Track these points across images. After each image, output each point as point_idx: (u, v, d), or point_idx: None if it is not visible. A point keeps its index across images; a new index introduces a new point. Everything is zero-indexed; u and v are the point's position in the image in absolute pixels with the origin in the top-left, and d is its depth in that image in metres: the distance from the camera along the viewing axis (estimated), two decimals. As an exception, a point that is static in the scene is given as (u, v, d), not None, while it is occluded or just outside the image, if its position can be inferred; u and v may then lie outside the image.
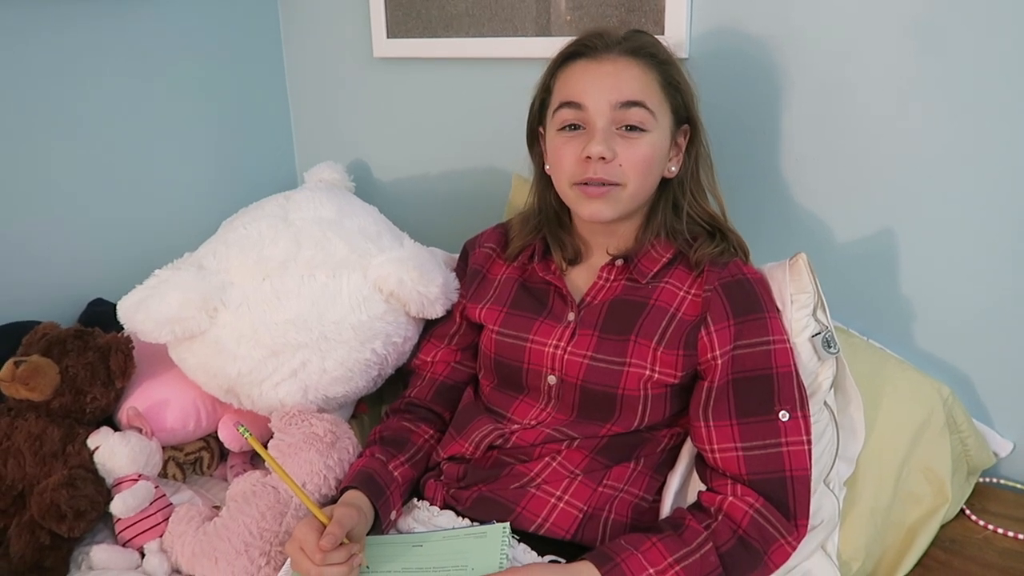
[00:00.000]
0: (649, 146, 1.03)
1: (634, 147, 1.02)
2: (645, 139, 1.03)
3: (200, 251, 1.30)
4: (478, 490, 1.09)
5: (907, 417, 1.20)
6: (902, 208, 1.28)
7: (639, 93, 1.02)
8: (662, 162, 1.07)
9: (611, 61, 1.03)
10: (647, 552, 0.94)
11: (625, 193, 1.04)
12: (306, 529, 0.95)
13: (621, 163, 1.02)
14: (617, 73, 1.02)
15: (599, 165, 1.02)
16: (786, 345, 1.04)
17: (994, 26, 1.14)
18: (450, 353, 1.25)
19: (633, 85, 1.02)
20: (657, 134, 1.04)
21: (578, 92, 1.04)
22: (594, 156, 1.01)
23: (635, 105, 1.01)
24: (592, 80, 1.03)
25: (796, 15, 1.28)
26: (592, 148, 1.01)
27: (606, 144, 1.01)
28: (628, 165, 1.02)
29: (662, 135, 1.05)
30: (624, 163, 1.02)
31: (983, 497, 1.27)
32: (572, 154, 1.04)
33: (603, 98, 1.02)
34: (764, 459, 1.00)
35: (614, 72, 1.02)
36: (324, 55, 1.84)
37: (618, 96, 1.01)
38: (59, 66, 1.47)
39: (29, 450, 1.17)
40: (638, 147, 1.02)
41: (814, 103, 1.30)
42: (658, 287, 1.08)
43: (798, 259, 1.09)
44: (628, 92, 1.02)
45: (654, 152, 1.03)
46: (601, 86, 1.02)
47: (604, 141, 1.01)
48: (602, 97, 1.02)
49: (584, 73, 1.04)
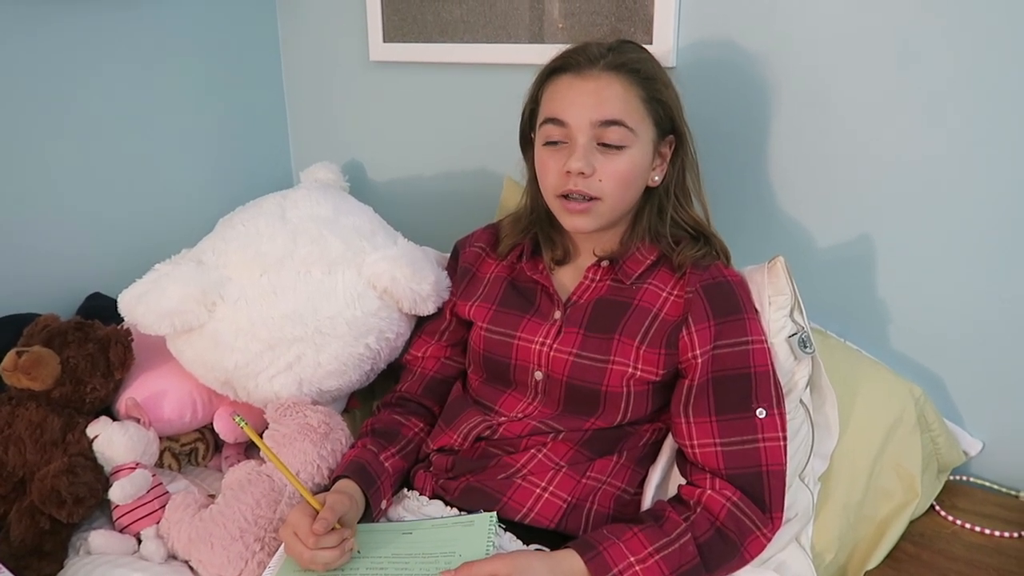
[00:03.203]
0: (628, 161, 1.06)
1: (613, 162, 1.06)
2: (624, 154, 1.06)
3: (199, 247, 1.31)
4: (466, 480, 1.11)
5: (880, 416, 1.22)
6: (879, 214, 1.31)
7: (619, 112, 1.05)
8: (643, 174, 1.10)
9: (594, 78, 1.06)
10: (628, 542, 0.97)
11: (605, 207, 1.08)
12: (300, 514, 0.98)
13: (601, 177, 1.06)
14: (599, 91, 1.05)
15: (579, 179, 1.06)
16: (764, 345, 1.07)
17: (971, 39, 1.17)
18: (440, 349, 1.28)
19: (614, 103, 1.05)
20: (636, 149, 1.06)
21: (561, 109, 1.07)
22: (573, 172, 1.05)
23: (614, 124, 1.05)
24: (575, 97, 1.06)
25: (779, 27, 1.31)
26: (572, 164, 1.05)
27: (585, 160, 1.05)
28: (607, 179, 1.06)
29: (642, 149, 1.07)
30: (603, 177, 1.06)
31: (953, 494, 1.30)
32: (555, 168, 1.08)
33: (584, 116, 1.05)
34: (742, 454, 1.03)
35: (596, 90, 1.05)
36: (321, 58, 1.85)
37: (598, 115, 1.05)
38: (59, 64, 1.49)
39: (30, 438, 1.18)
40: (617, 162, 1.06)
41: (796, 112, 1.33)
42: (642, 288, 1.11)
43: (776, 262, 1.12)
44: (608, 111, 1.05)
45: (633, 166, 1.07)
46: (583, 104, 1.05)
47: (584, 157, 1.05)
48: (583, 115, 1.05)
49: (568, 90, 1.08)
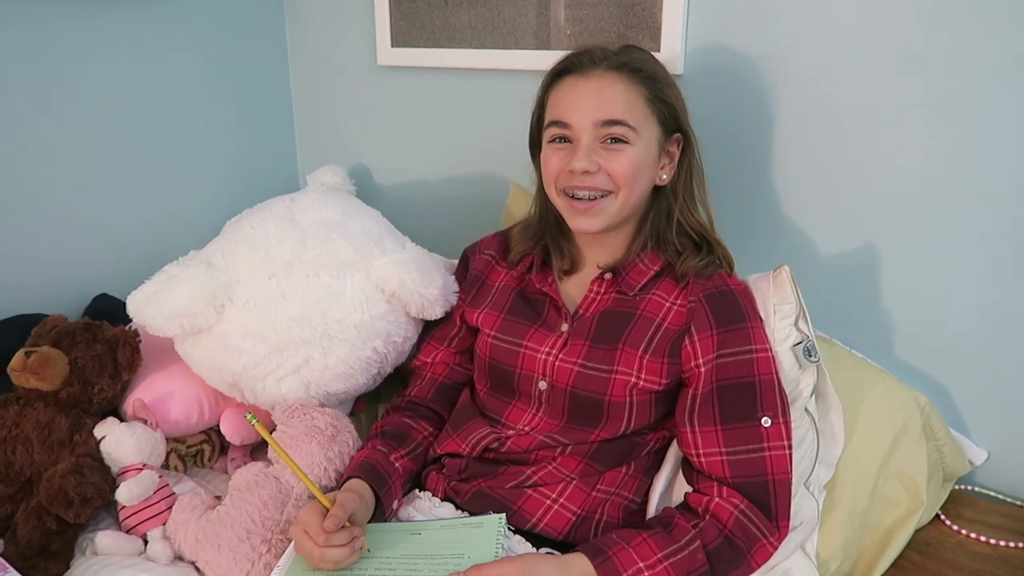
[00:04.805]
0: (632, 157, 1.06)
1: (616, 158, 1.06)
2: (627, 151, 1.06)
3: (208, 249, 1.32)
4: (477, 485, 1.12)
5: (885, 424, 1.22)
6: (885, 223, 1.31)
7: (621, 111, 1.05)
8: (650, 170, 1.10)
9: (596, 77, 1.07)
10: (638, 547, 0.97)
11: (616, 202, 1.08)
12: (310, 512, 0.98)
13: (607, 173, 1.06)
14: (600, 90, 1.06)
15: (585, 177, 1.06)
16: (768, 354, 1.07)
17: (974, 47, 1.18)
18: (450, 355, 1.29)
19: (617, 101, 1.06)
20: (640, 147, 1.07)
21: (564, 111, 1.08)
22: (577, 170, 1.06)
23: (616, 124, 1.05)
24: (577, 98, 1.07)
25: (786, 35, 1.31)
26: (576, 164, 1.06)
27: (588, 159, 1.06)
28: (613, 175, 1.06)
29: (646, 147, 1.08)
30: (610, 173, 1.06)
31: (958, 503, 1.30)
32: (559, 163, 1.09)
33: (587, 116, 1.06)
34: (747, 463, 1.03)
35: (598, 89, 1.06)
36: (329, 62, 1.86)
37: (600, 115, 1.05)
38: (65, 67, 1.49)
39: (37, 438, 1.18)
40: (620, 158, 1.06)
41: (802, 119, 1.33)
42: (645, 298, 1.12)
43: (781, 271, 1.12)
44: (610, 110, 1.05)
45: (637, 162, 1.07)
46: (585, 104, 1.06)
47: (587, 156, 1.06)
48: (586, 116, 1.06)
49: (571, 91, 1.08)
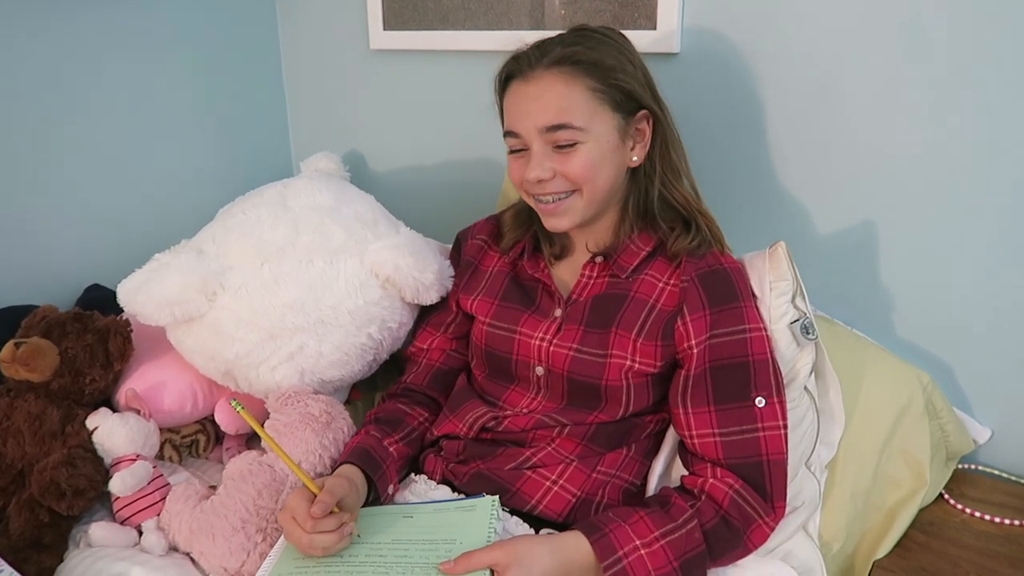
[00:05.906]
0: (585, 156, 1.05)
1: (569, 161, 1.05)
2: (579, 150, 1.05)
3: (199, 236, 1.30)
4: (475, 466, 1.11)
5: (887, 403, 1.21)
6: (884, 201, 1.30)
7: (562, 114, 1.03)
8: (613, 158, 1.07)
9: (536, 79, 1.05)
10: (635, 525, 0.97)
11: (581, 199, 1.07)
12: (298, 499, 0.97)
13: (563, 176, 1.06)
14: (540, 95, 1.04)
15: (543, 184, 1.06)
16: (762, 333, 1.06)
17: (975, 29, 1.17)
18: (446, 341, 1.28)
19: (558, 104, 1.03)
20: (592, 142, 1.05)
21: (513, 121, 1.08)
22: (532, 181, 1.06)
23: (559, 128, 1.04)
24: (521, 106, 1.07)
25: (784, 14, 1.29)
26: (529, 175, 1.06)
27: (541, 167, 1.05)
28: (570, 176, 1.06)
29: (600, 139, 1.05)
30: (566, 175, 1.06)
31: (961, 482, 1.29)
32: (518, 172, 1.10)
33: (531, 124, 1.05)
34: (741, 444, 1.02)
35: (538, 94, 1.05)
36: (321, 46, 1.84)
37: (543, 121, 1.04)
38: (59, 54, 1.48)
39: (29, 430, 1.17)
40: (573, 160, 1.05)
41: (800, 98, 1.32)
42: (638, 279, 1.10)
43: (777, 247, 1.10)
44: (551, 116, 1.04)
45: (591, 159, 1.05)
46: (528, 112, 1.05)
47: (539, 164, 1.05)
48: (530, 124, 1.05)
49: (516, 99, 1.08)
